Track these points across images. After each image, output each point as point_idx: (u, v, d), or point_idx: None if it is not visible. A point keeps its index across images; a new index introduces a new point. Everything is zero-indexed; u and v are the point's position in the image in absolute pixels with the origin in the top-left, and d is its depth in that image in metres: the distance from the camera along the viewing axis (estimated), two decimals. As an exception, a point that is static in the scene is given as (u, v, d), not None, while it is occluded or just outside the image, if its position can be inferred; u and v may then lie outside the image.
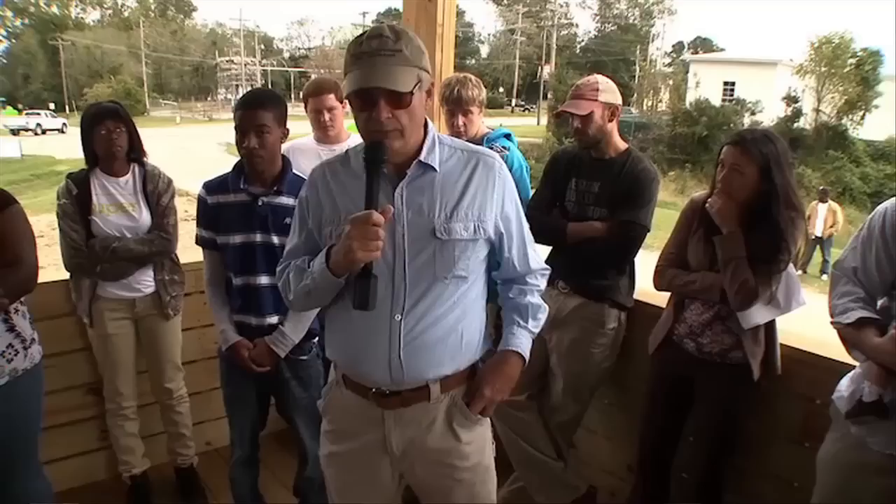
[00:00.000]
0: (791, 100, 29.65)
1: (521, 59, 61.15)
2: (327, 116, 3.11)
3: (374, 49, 1.43)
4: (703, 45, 64.34)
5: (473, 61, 64.37)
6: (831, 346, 2.33)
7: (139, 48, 60.21)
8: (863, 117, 28.71)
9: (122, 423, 2.94)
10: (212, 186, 2.34)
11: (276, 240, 2.27)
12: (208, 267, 2.39)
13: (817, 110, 29.51)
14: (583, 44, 65.08)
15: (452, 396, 1.67)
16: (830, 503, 1.92)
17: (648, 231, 2.55)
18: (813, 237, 13.25)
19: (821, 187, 15.04)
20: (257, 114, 2.19)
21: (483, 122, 3.00)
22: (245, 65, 61.27)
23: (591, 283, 2.61)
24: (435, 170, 1.56)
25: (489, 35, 71.39)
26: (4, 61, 63.57)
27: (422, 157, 1.55)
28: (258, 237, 2.28)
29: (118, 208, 2.76)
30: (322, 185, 1.62)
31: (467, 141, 2.88)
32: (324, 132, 3.15)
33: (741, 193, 2.21)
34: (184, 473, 3.11)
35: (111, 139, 2.71)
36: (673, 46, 65.43)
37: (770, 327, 2.29)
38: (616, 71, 51.15)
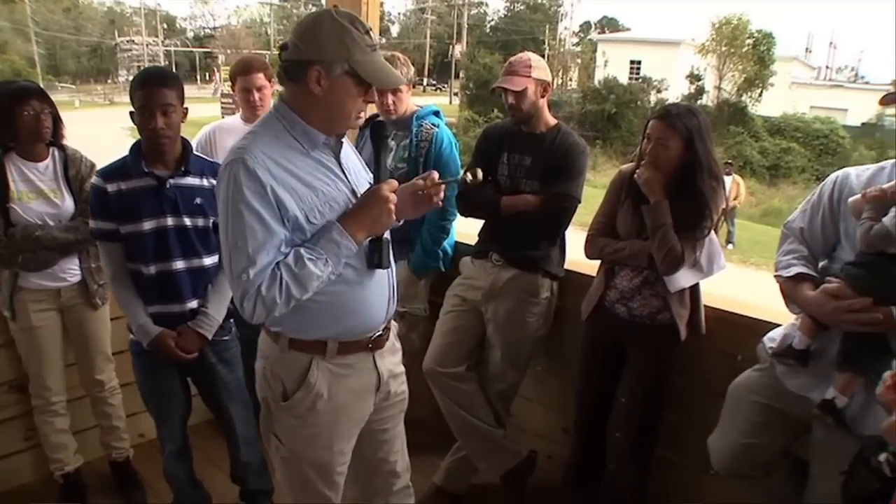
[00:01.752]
0: (694, 78, 30.84)
1: (431, 38, 60.96)
2: (257, 96, 3.05)
3: (377, 44, 1.59)
4: (609, 24, 65.95)
5: (384, 40, 63.59)
6: (751, 307, 2.53)
7: (26, 25, 56.19)
8: (760, 94, 30.11)
9: (51, 419, 2.82)
10: (109, 173, 2.21)
11: (188, 222, 2.24)
12: (111, 261, 2.27)
13: (719, 88, 30.78)
14: (493, 23, 65.39)
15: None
16: (728, 419, 2.14)
17: (579, 202, 2.65)
18: (718, 209, 13.91)
19: (725, 161, 15.80)
20: (162, 92, 2.13)
21: (411, 101, 3.02)
22: (147, 45, 58.22)
23: (525, 255, 2.69)
24: (343, 143, 1.73)
25: (399, 14, 70.82)
26: None
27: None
28: (170, 221, 2.22)
29: (39, 195, 2.59)
30: (277, 172, 1.56)
31: (396, 119, 2.96)
32: (252, 112, 3.09)
33: (667, 165, 2.32)
34: (119, 467, 3.01)
35: (39, 120, 2.53)
36: (580, 26, 66.71)
37: (694, 290, 2.44)
38: (525, 48, 51.45)
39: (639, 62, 34.51)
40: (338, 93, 1.58)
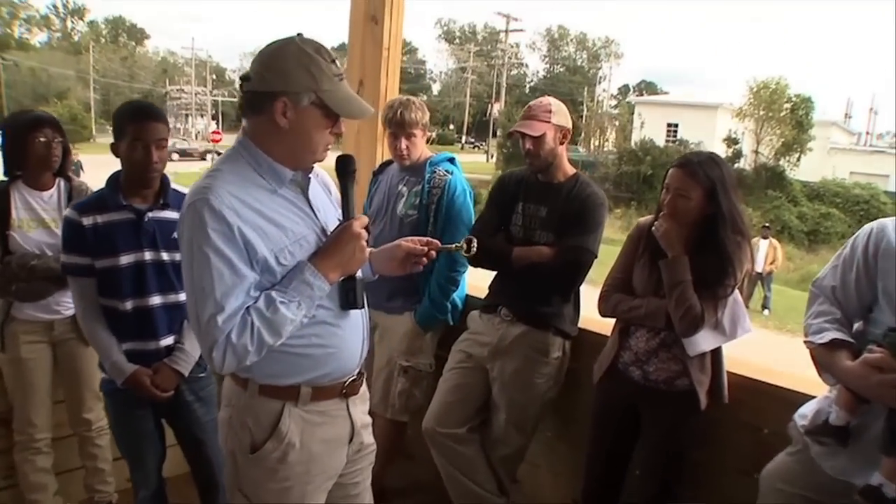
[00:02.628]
0: (731, 141, 30.72)
1: (471, 97, 62.08)
2: None
3: (342, 73, 1.54)
4: (647, 88, 66.58)
5: (425, 97, 65.04)
6: (778, 375, 2.32)
7: (88, 73, 58.91)
8: (798, 159, 29.88)
9: (32, 456, 2.69)
10: (84, 206, 2.15)
11: (165, 256, 2.18)
12: (83, 297, 2.19)
13: (756, 151, 30.62)
14: (532, 83, 66.52)
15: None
16: None
17: (595, 257, 2.51)
18: (754, 273, 13.56)
19: (763, 224, 15.49)
20: (157, 127, 2.12)
21: (426, 147, 2.93)
22: (196, 94, 60.53)
23: (536, 310, 2.54)
24: (311, 178, 1.67)
25: (441, 73, 72.47)
26: (-54, 81, 61.29)
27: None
28: (147, 255, 2.16)
29: (40, 224, 2.57)
30: (244, 212, 1.48)
31: (410, 165, 2.88)
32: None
33: (687, 217, 2.17)
34: (100, 513, 2.86)
35: (50, 148, 2.53)
36: (619, 89, 67.56)
37: (716, 355, 2.25)
38: (565, 110, 52.22)
39: (676, 125, 34.55)
40: (305, 124, 1.52)
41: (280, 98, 1.49)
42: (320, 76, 1.49)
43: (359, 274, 1.65)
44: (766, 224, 15.75)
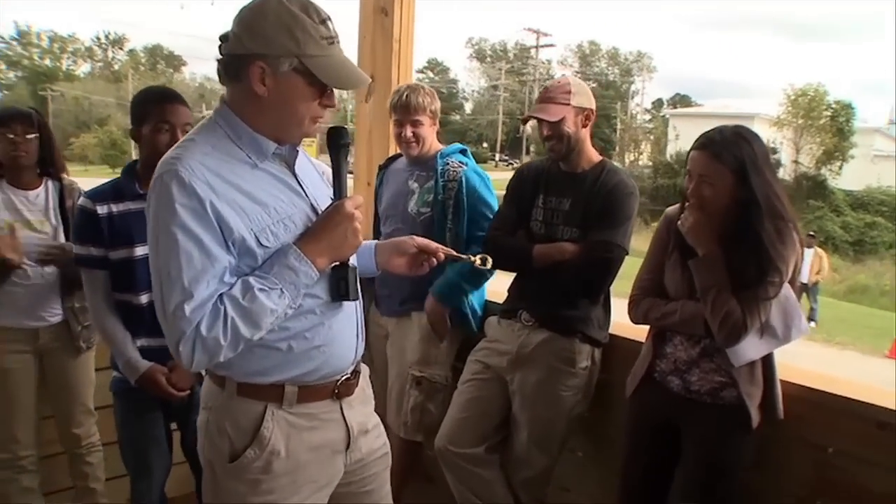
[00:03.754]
0: (770, 151, 29.96)
1: (504, 114, 61.97)
2: None
3: (335, 35, 1.35)
4: (681, 101, 65.61)
5: (458, 117, 65.22)
6: (845, 384, 2.01)
7: (127, 100, 60.55)
8: (840, 167, 29.13)
9: (16, 475, 2.50)
10: (99, 194, 2.07)
11: None
12: (96, 289, 2.09)
13: (796, 161, 29.88)
14: (566, 98, 66.21)
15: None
16: None
17: (626, 252, 2.24)
18: (800, 284, 12.99)
19: (808, 233, 14.91)
20: (185, 111, 2.05)
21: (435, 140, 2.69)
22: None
23: (560, 315, 2.26)
24: (298, 152, 1.48)
25: (473, 91, 72.37)
26: (-4, 113, 63.83)
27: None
28: None
29: (25, 225, 2.43)
30: (219, 185, 1.31)
31: (418, 157, 2.61)
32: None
33: (716, 206, 1.88)
34: (92, 537, 2.66)
35: (16, 145, 2.38)
36: (653, 103, 66.62)
37: (768, 362, 1.94)
38: (598, 126, 51.69)
39: (711, 136, 33.88)
40: (285, 93, 1.33)
41: (256, 62, 1.30)
42: (304, 39, 1.30)
43: (353, 261, 1.47)
44: (811, 233, 15.18)
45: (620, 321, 2.34)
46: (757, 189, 1.83)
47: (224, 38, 1.35)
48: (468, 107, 71.75)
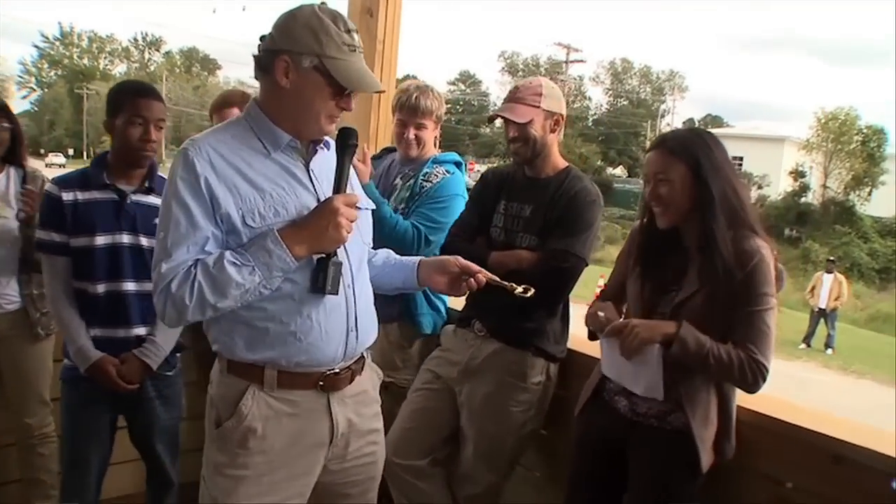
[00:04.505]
0: (798, 174, 29.48)
1: (533, 128, 61.95)
2: None
3: (358, 45, 1.49)
4: (713, 121, 64.94)
5: (488, 130, 65.40)
6: (806, 414, 1.88)
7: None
8: (870, 193, 28.56)
9: None
10: (66, 181, 2.09)
11: (144, 242, 2.09)
12: (55, 276, 2.09)
13: (824, 185, 29.35)
14: (595, 116, 65.88)
15: (370, 363, 1.71)
16: None
17: (586, 263, 2.13)
18: (817, 309, 12.69)
19: (828, 258, 14.56)
20: (160, 107, 2.08)
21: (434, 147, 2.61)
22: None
23: (513, 326, 2.15)
24: (328, 147, 1.60)
25: (503, 104, 72.49)
26: (35, 109, 65.30)
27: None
28: (125, 238, 2.08)
29: None
30: (221, 165, 1.46)
31: (416, 158, 2.50)
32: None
33: (676, 206, 1.76)
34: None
35: None
36: (684, 122, 66.09)
37: (724, 401, 1.79)
38: (627, 144, 51.63)
39: (741, 158, 33.40)
40: (305, 88, 1.47)
41: (282, 56, 1.46)
42: (327, 41, 1.44)
43: (341, 258, 1.53)
44: (831, 258, 14.84)
45: (581, 335, 2.22)
46: (713, 185, 1.71)
47: (262, 38, 1.51)
48: (499, 121, 71.97)
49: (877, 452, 1.61)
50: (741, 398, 1.84)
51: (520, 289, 1.68)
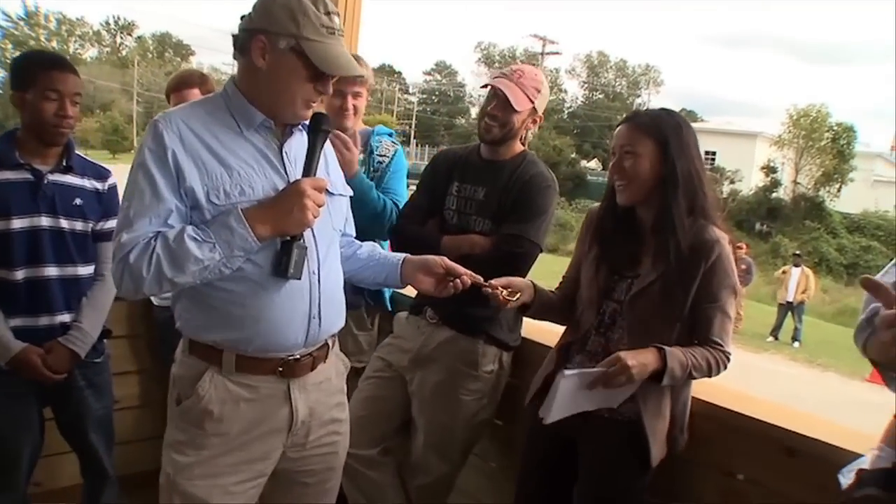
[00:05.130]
0: (770, 170, 29.84)
1: (509, 119, 62.01)
2: None
3: (337, 28, 1.46)
4: (687, 116, 65.39)
5: (464, 121, 65.21)
6: (758, 403, 1.84)
7: (132, 86, 60.46)
8: (839, 189, 28.97)
9: None
10: None
11: (65, 224, 2.00)
12: None
13: (795, 181, 29.72)
14: (571, 109, 66.10)
15: (336, 351, 1.69)
16: None
17: (540, 249, 2.07)
18: (785, 302, 12.84)
19: (794, 252, 14.74)
20: (76, 80, 1.97)
21: None
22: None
23: (465, 313, 2.07)
24: (302, 131, 1.56)
25: (479, 96, 72.39)
26: (0, 91, 63.96)
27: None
28: (45, 221, 1.97)
29: None
30: (190, 140, 1.44)
31: (353, 132, 2.37)
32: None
33: (639, 182, 1.72)
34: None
35: None
36: (659, 116, 66.73)
37: (677, 390, 1.74)
38: (602, 137, 51.79)
39: (713, 153, 33.73)
40: (281, 70, 1.45)
41: (258, 36, 1.43)
42: (304, 22, 1.42)
43: (308, 242, 1.50)
44: (798, 252, 15.04)
45: (537, 324, 2.16)
46: (679, 165, 1.68)
47: (243, 17, 1.48)
48: (474, 111, 71.86)
49: (829, 445, 1.58)
50: (696, 389, 1.80)
51: (505, 292, 1.68)
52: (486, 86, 2.16)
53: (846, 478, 1.33)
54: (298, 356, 1.55)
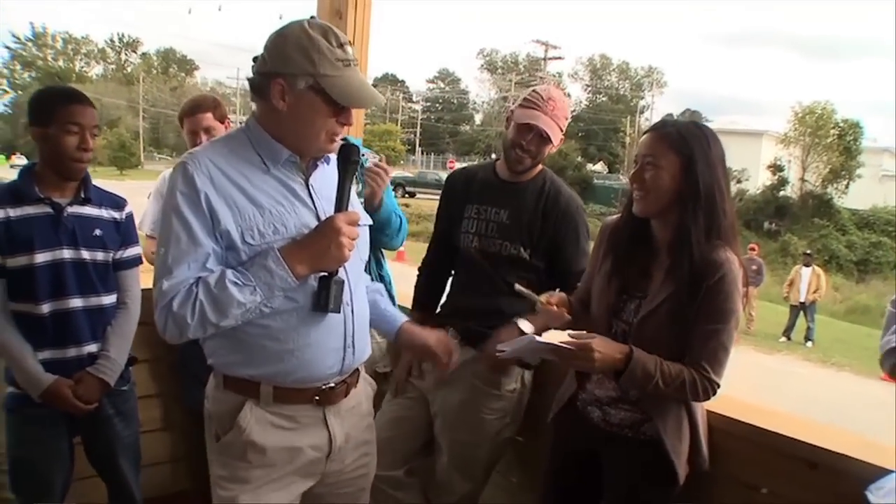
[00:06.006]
0: (776, 168, 29.75)
1: (513, 125, 61.92)
2: (204, 138, 2.69)
3: (352, 59, 1.45)
4: (692, 117, 65.54)
5: (468, 127, 65.26)
6: (780, 417, 1.86)
7: (138, 102, 60.86)
8: (847, 186, 28.87)
9: None
10: None
11: (86, 255, 2.03)
12: None
13: (802, 179, 29.62)
14: (575, 113, 66.09)
15: (364, 375, 1.71)
16: None
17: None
18: (797, 303, 12.79)
19: (805, 251, 14.68)
20: (94, 113, 2.01)
21: None
22: (240, 122, 61.80)
23: (487, 333, 2.10)
24: (328, 162, 1.57)
25: (483, 103, 72.38)
26: (10, 111, 64.28)
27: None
28: (67, 254, 1.99)
29: None
30: (220, 181, 1.44)
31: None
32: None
33: (658, 194, 1.66)
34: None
35: None
36: (663, 118, 66.65)
37: (691, 413, 1.74)
38: (607, 140, 51.88)
39: (720, 152, 33.69)
40: (303, 109, 1.45)
41: (276, 79, 1.43)
42: (320, 60, 1.42)
43: (343, 275, 1.51)
44: (808, 252, 14.96)
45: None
46: (702, 183, 1.62)
47: (255, 60, 1.48)
48: (478, 118, 71.96)
49: (852, 458, 1.60)
50: (717, 405, 1.82)
51: (543, 298, 1.71)
52: (524, 123, 2.07)
53: (875, 496, 1.35)
54: (333, 384, 1.57)
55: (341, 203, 1.50)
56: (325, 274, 1.47)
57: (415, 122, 62.22)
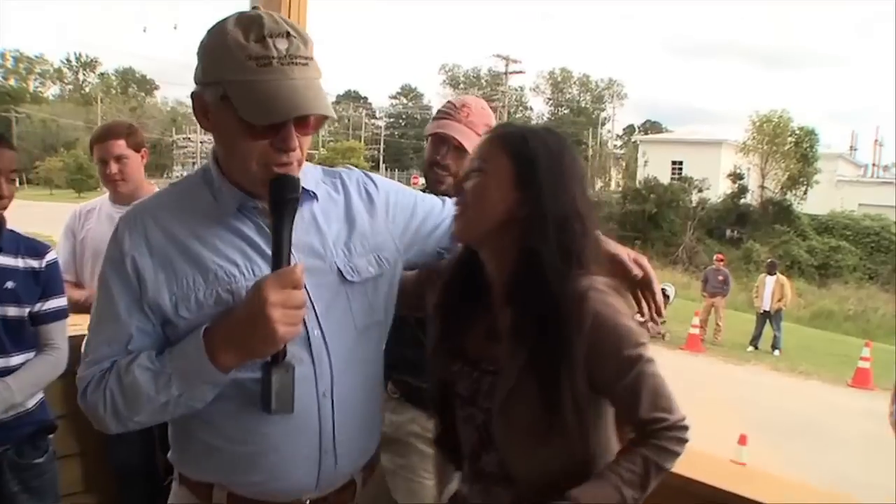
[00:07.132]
0: (736, 176, 30.27)
1: (476, 140, 62.32)
2: (115, 168, 2.47)
3: (285, 54, 1.07)
4: (652, 127, 66.61)
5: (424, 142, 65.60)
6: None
7: (97, 123, 59.86)
8: (805, 192, 29.46)
9: None
10: None
11: None
12: None
13: (762, 186, 30.17)
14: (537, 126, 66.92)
15: (368, 485, 1.34)
16: None
17: None
18: (761, 311, 12.84)
19: (768, 259, 14.77)
20: (12, 156, 1.87)
21: None
22: (201, 143, 61.13)
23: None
24: (314, 197, 1.24)
25: (446, 116, 72.81)
26: (-49, 136, 62.77)
27: (302, 184, 1.16)
28: None
29: None
30: (155, 237, 1.15)
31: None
32: (113, 188, 2.49)
33: (483, 207, 1.21)
34: None
35: None
36: (624, 129, 67.49)
37: None
38: (570, 151, 52.42)
39: (680, 162, 34.17)
40: (221, 128, 1.14)
41: (196, 91, 1.14)
42: (228, 60, 1.07)
43: (321, 358, 1.17)
44: (771, 259, 15.09)
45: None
46: (546, 199, 1.17)
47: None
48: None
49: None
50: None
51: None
52: (431, 134, 1.86)
53: None
54: (308, 502, 1.22)
55: (280, 258, 1.10)
56: (268, 359, 1.11)
57: (378, 138, 62.11)
